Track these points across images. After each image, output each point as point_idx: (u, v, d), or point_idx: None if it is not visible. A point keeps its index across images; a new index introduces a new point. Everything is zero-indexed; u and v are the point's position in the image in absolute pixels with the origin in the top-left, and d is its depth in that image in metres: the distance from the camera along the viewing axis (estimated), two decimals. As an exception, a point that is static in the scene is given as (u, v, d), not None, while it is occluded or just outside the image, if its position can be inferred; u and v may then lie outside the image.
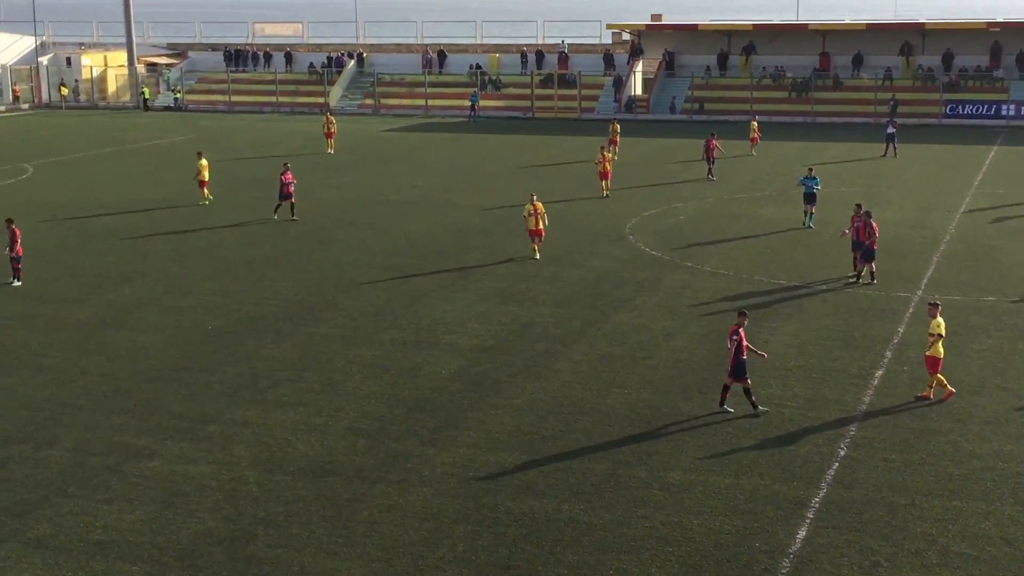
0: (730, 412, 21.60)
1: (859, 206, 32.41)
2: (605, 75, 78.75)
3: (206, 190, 44.68)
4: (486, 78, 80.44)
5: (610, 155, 45.98)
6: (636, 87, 78.40)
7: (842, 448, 20.15)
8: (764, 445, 20.30)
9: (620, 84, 76.68)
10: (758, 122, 59.00)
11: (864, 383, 23.38)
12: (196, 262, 34.87)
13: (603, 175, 45.20)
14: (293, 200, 40.92)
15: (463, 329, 27.41)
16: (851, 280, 31.64)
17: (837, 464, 19.50)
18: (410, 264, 34.22)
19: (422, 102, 79.65)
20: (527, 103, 77.49)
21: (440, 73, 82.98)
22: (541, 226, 34.17)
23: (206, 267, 34.21)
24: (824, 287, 31.08)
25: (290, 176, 40.88)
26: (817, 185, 38.37)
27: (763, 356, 22.55)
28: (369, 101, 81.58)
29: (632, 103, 75.91)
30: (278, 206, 40.98)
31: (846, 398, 22.50)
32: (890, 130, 55.79)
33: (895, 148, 55.42)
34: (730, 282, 31.69)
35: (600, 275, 32.79)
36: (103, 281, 32.58)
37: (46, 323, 28.33)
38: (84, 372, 24.55)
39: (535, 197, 34.45)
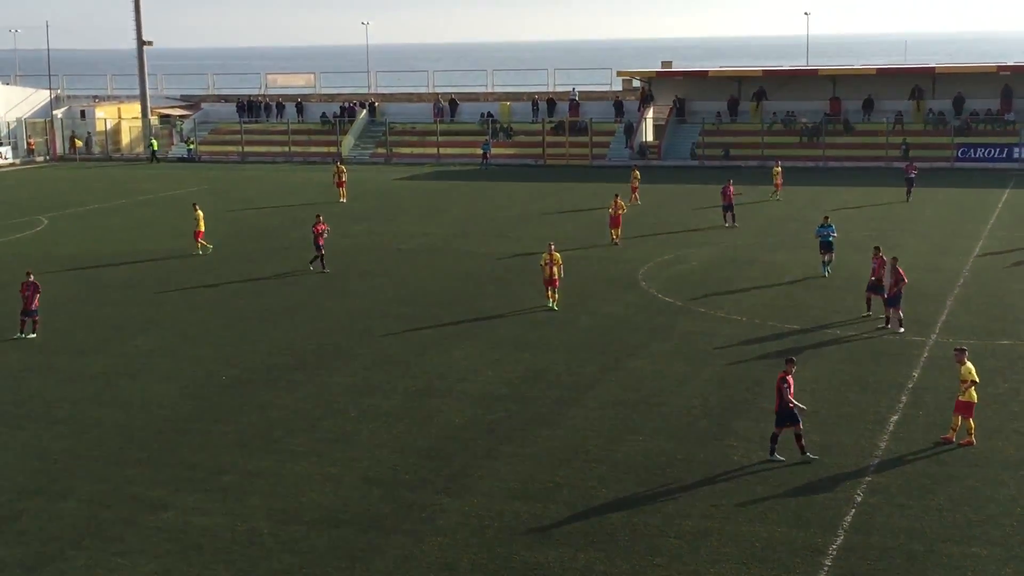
0: (814, 458, 21.46)
1: (877, 248, 32.63)
2: (616, 122, 79.18)
3: (202, 240, 44.81)
4: (498, 126, 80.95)
5: (623, 203, 45.97)
6: (647, 134, 78.78)
7: (859, 494, 20.06)
8: (780, 492, 20.22)
9: (631, 131, 77.06)
10: (781, 167, 58.76)
11: (880, 428, 23.30)
12: (210, 312, 35.01)
13: (614, 223, 45.16)
14: (322, 252, 40.61)
15: (476, 377, 27.43)
16: (865, 316, 32.03)
17: (854, 510, 19.41)
18: (423, 312, 34.31)
19: (434, 151, 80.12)
20: (539, 151, 77.88)
21: (452, 121, 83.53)
22: (556, 276, 34.15)
23: (220, 317, 34.34)
24: (838, 332, 31.04)
25: (322, 226, 40.78)
26: (833, 233, 38.11)
27: (776, 409, 22.42)
28: (381, 150, 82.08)
29: (646, 150, 76.18)
30: (317, 257, 40.73)
31: (862, 443, 22.43)
32: (911, 175, 55.79)
33: (910, 193, 55.46)
34: (744, 328, 31.68)
35: (613, 321, 32.81)
36: (117, 332, 32.73)
37: (60, 374, 28.44)
38: (98, 423, 24.61)
39: (553, 247, 34.48)
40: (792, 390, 21.55)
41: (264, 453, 22.55)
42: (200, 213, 45.04)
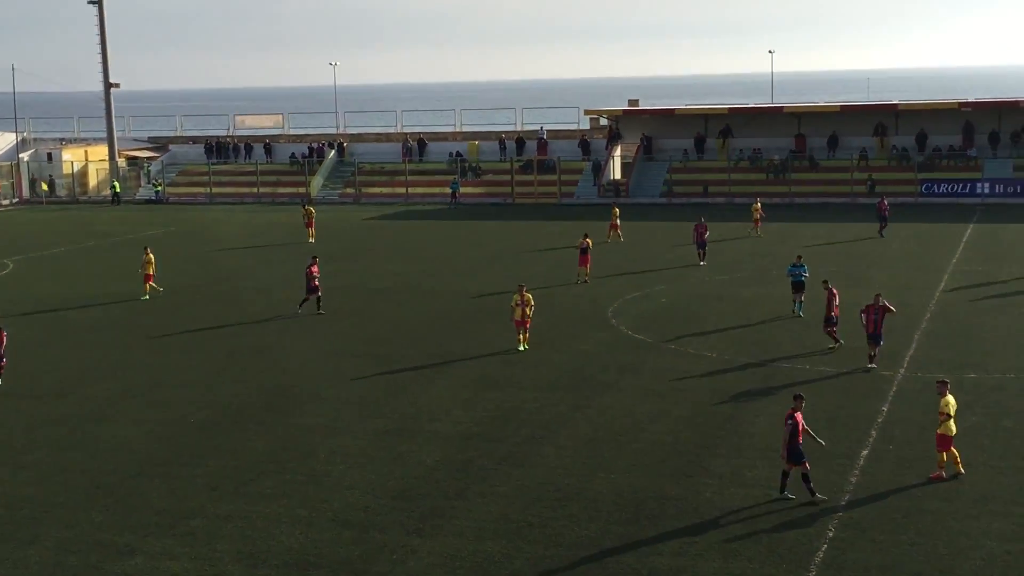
0: (792, 498, 21.30)
1: (825, 282, 33.66)
2: (584, 160, 79.54)
3: (151, 284, 44.24)
4: (466, 165, 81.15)
5: (590, 240, 45.76)
6: (615, 171, 79.12)
7: (831, 530, 20.06)
8: (752, 528, 20.19)
9: (599, 169, 77.40)
10: (761, 203, 58.75)
11: (850, 463, 23.33)
12: (178, 354, 34.77)
13: (583, 260, 45.11)
14: (320, 294, 40.18)
15: (447, 416, 27.33)
16: (832, 348, 32.63)
17: (826, 546, 19.40)
18: (393, 352, 34.20)
19: (403, 190, 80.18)
20: (507, 189, 78.06)
21: (420, 161, 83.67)
22: (528, 316, 33.88)
23: (188, 359, 34.10)
24: (807, 367, 31.14)
25: (316, 269, 40.22)
26: (805, 273, 37.97)
27: (821, 444, 22.30)
28: (350, 190, 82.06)
29: (618, 187, 76.30)
30: (304, 300, 40.18)
31: (832, 478, 22.44)
32: (884, 212, 55.75)
33: (883, 229, 55.58)
34: (713, 364, 31.74)
35: (583, 359, 32.80)
36: (85, 375, 32.42)
37: (27, 419, 28.12)
38: (65, 468, 24.32)
39: (524, 288, 34.37)
40: (802, 427, 21.38)
41: (233, 496, 22.34)
42: (151, 256, 44.58)
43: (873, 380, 29.64)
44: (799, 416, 21.45)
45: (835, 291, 33.01)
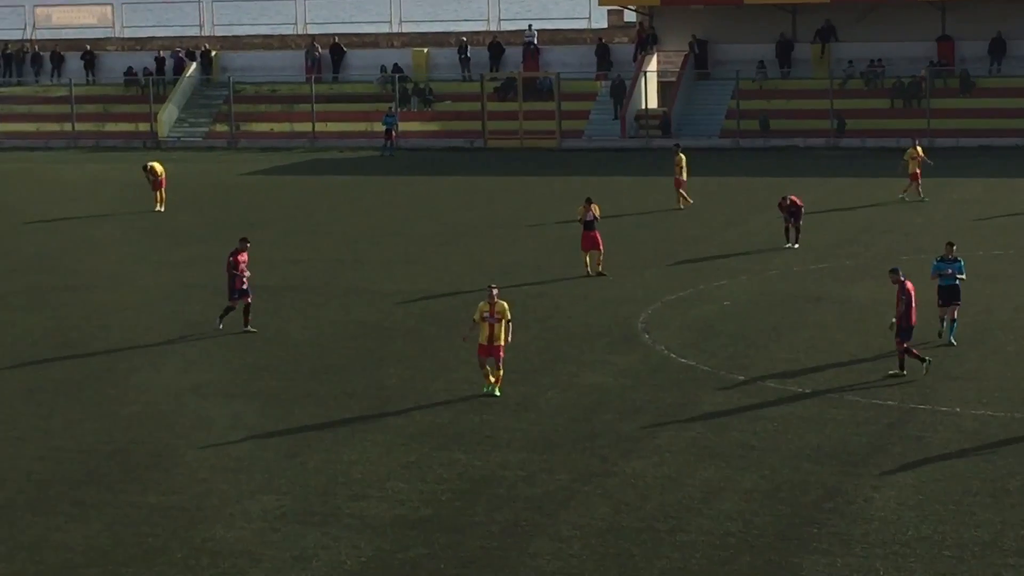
0: None
1: (895, 271, 33.92)
2: (599, 79, 79.60)
3: None
4: (408, 86, 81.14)
5: (599, 210, 45.18)
6: (647, 97, 79.12)
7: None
8: (869, 668, 20.35)
9: (623, 93, 77.46)
10: (921, 148, 58.59)
11: (1026, 563, 23.50)
12: (-54, 393, 34.81)
13: (590, 242, 45.02)
14: (249, 299, 39.38)
15: (379, 492, 27.37)
16: (893, 374, 33.37)
17: None
18: (291, 387, 34.25)
19: (308, 127, 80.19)
20: (476, 125, 78.13)
21: (335, 80, 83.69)
22: (502, 340, 33.25)
23: (-38, 401, 34.11)
24: (957, 409, 31.26)
25: (244, 257, 39.45)
26: (961, 272, 37.28)
27: None
28: (223, 127, 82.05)
29: (666, 120, 76.18)
30: (228, 309, 39.48)
31: (999, 588, 22.62)
32: None
33: None
34: (807, 405, 31.84)
35: (598, 398, 32.90)
36: None
37: None
38: None
39: (496, 291, 33.87)
40: None
41: (36, 621, 22.43)
42: None
43: (1062, 430, 29.82)
44: None
45: (909, 285, 33.13)
